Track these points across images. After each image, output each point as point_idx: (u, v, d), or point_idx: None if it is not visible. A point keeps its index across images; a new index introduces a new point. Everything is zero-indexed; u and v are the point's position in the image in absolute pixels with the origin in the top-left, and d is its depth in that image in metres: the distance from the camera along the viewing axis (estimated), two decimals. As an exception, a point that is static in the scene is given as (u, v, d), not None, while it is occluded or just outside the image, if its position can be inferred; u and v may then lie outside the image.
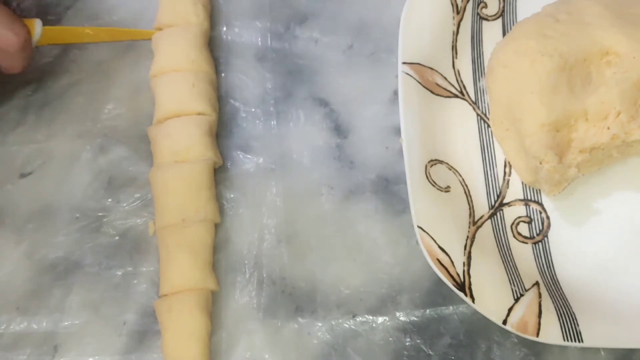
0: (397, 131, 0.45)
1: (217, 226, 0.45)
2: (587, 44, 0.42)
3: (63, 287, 0.44)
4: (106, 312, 0.44)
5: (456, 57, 0.47)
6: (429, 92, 0.45)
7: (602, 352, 0.42)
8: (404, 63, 0.45)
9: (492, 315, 0.39)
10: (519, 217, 0.44)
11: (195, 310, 0.41)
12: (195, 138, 0.45)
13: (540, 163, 0.41)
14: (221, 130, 0.48)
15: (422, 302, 0.43)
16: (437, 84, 0.46)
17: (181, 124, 0.46)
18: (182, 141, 0.45)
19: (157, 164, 0.46)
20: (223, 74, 0.50)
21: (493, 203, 0.44)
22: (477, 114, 0.47)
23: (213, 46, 0.51)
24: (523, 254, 0.43)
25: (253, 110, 0.49)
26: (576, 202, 0.44)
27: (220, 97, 0.49)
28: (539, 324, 0.38)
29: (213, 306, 0.43)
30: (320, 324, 0.43)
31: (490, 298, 0.39)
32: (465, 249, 0.41)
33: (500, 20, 0.49)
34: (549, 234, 0.43)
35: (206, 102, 0.47)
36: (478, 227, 0.42)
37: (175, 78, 0.47)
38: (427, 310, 0.43)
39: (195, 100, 0.46)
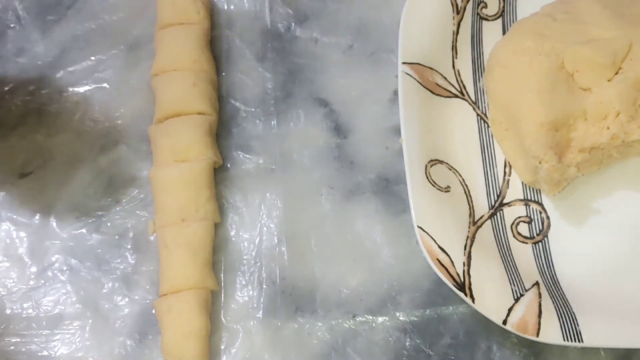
0: (397, 131, 0.45)
1: (217, 226, 0.45)
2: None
3: (63, 286, 0.44)
4: (106, 312, 0.44)
5: (456, 57, 0.47)
6: (429, 92, 0.45)
7: (602, 352, 0.42)
8: (404, 63, 0.45)
9: (492, 315, 0.39)
10: (519, 217, 0.44)
11: (194, 310, 0.41)
12: (195, 138, 0.45)
13: (540, 163, 0.41)
14: (221, 130, 0.48)
15: (422, 302, 0.43)
16: (437, 84, 0.46)
17: (181, 123, 0.46)
18: (182, 141, 0.45)
19: (157, 164, 0.46)
20: (224, 74, 0.50)
21: (493, 203, 0.44)
22: (477, 114, 0.47)
23: (214, 46, 0.51)
24: (523, 254, 0.43)
25: (253, 110, 0.49)
26: (576, 202, 0.44)
27: (220, 97, 0.49)
28: (539, 324, 0.38)
29: (213, 306, 0.43)
30: (320, 324, 0.43)
31: (490, 298, 0.39)
32: (465, 249, 0.41)
33: (500, 20, 0.49)
34: (549, 234, 0.43)
35: (207, 102, 0.47)
36: (478, 227, 0.42)
37: (176, 77, 0.47)
38: (427, 310, 0.43)
39: (195, 100, 0.46)
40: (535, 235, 0.44)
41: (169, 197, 0.44)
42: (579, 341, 0.38)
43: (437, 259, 0.39)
